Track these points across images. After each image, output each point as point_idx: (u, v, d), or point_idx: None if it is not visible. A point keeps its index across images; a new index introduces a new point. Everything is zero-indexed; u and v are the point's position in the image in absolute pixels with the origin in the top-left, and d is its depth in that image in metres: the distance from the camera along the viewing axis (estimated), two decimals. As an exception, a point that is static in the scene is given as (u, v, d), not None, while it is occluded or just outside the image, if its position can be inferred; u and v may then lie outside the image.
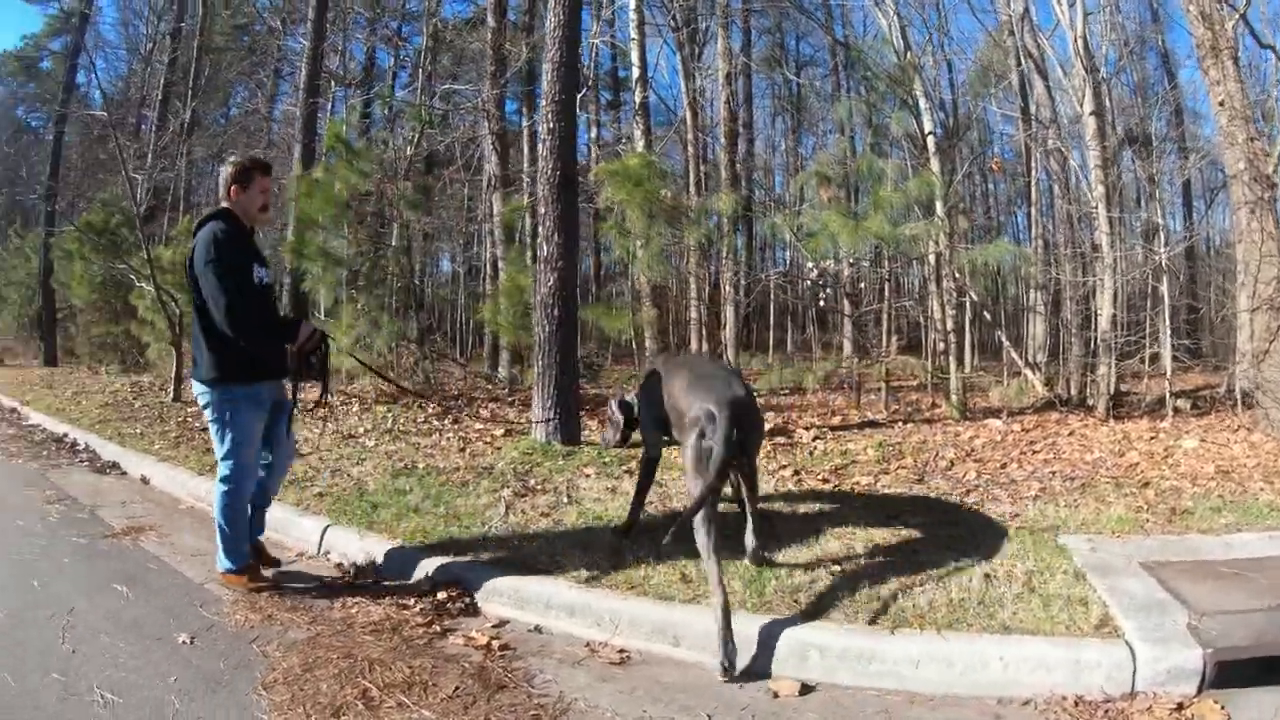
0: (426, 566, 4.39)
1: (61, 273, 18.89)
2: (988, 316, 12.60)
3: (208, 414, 4.28)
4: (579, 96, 9.76)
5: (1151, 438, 7.34)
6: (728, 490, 4.34)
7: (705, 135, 17.46)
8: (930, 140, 11.24)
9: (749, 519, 4.11)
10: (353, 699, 3.06)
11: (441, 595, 4.09)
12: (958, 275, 10.35)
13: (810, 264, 10.87)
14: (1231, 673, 3.05)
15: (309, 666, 3.34)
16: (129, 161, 15.96)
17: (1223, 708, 2.92)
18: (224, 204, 4.32)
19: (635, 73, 15.31)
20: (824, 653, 3.30)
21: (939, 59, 15.04)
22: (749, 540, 4.10)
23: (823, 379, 10.20)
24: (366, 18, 23.82)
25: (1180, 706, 2.94)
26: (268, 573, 4.47)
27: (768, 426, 7.46)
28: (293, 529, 5.39)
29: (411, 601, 4.05)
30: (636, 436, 4.97)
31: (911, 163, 12.81)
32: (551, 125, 7.63)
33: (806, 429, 7.87)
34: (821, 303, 12.98)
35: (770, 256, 26.65)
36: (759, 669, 3.31)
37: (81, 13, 27.78)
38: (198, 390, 4.29)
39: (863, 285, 12.19)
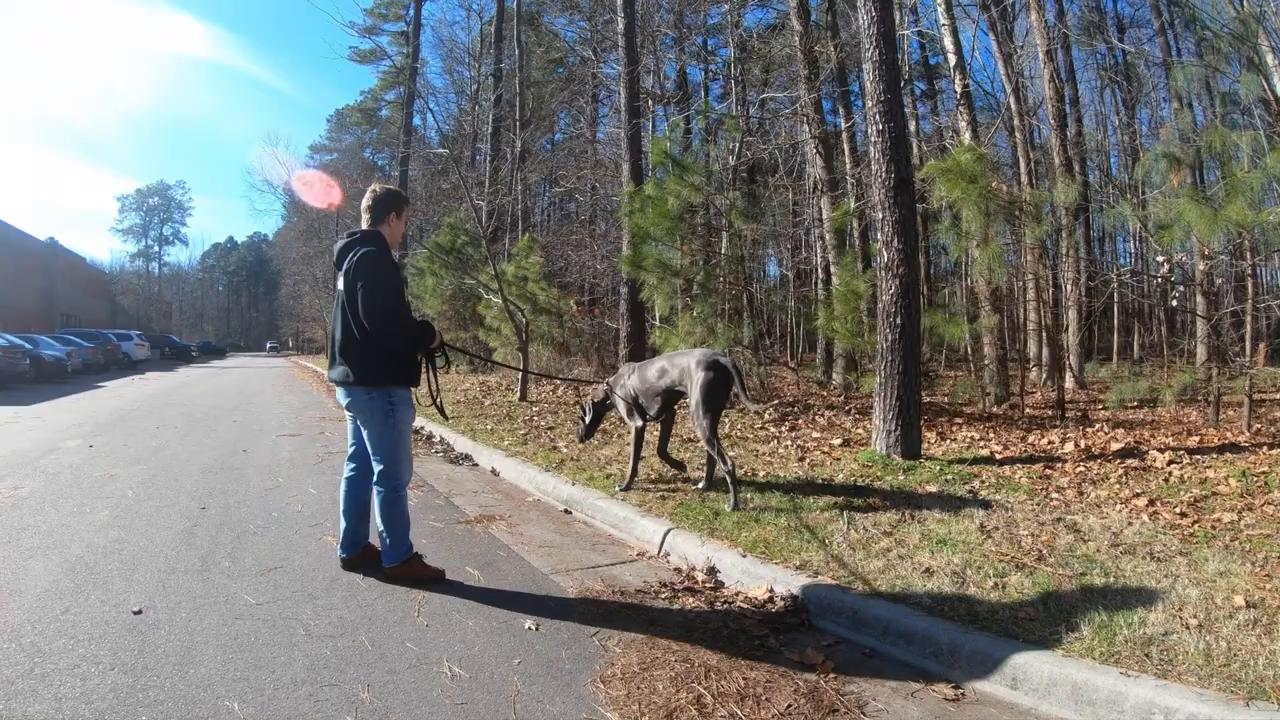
0: (765, 577, 4.34)
1: (415, 287, 20.99)
2: (1366, 317, 10.73)
3: (365, 417, 4.48)
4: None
5: None
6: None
7: (1031, 118, 16.28)
8: (1286, 104, 9.80)
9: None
10: (687, 703, 3.07)
11: (778, 608, 4.03)
12: (1330, 267, 8.88)
13: (1160, 258, 9.78)
14: None
15: (646, 665, 3.42)
16: (471, 190, 17.48)
17: None
18: (376, 228, 4.59)
19: (951, 59, 14.62)
20: (1169, 717, 2.88)
21: (1281, 6, 13.02)
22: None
23: (1179, 391, 9.12)
24: (674, 37, 24.47)
25: None
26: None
27: (1118, 446, 7.45)
28: (634, 529, 5.56)
29: (749, 611, 4.04)
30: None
31: (1266, 132, 11.16)
32: (881, 126, 7.40)
33: (1160, 451, 7.14)
34: (1173, 303, 11.67)
35: (1110, 250, 24.47)
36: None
37: (411, 66, 31.08)
38: (355, 395, 4.47)
39: (1220, 281, 10.80)
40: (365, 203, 4.68)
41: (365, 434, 4.52)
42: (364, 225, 4.65)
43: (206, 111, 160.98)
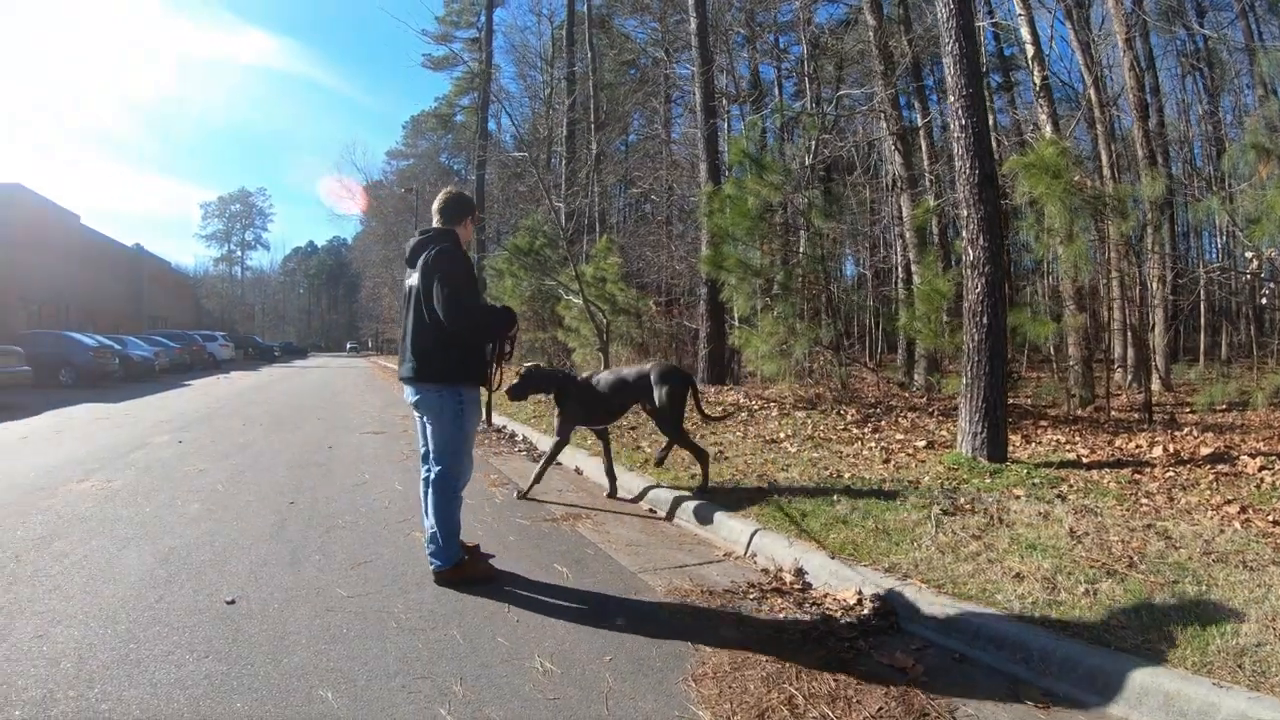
0: (854, 579, 4.34)
1: (494, 288, 21.30)
2: None
3: (434, 415, 4.49)
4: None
5: None
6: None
7: (1113, 108, 15.84)
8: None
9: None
10: (778, 703, 3.07)
11: (867, 610, 4.03)
12: None
13: (1249, 253, 9.49)
14: None
15: (737, 665, 3.43)
16: (550, 193, 17.68)
17: None
18: (450, 228, 4.64)
19: (1028, 50, 14.35)
20: (1264, 731, 2.86)
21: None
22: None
23: (1271, 394, 8.83)
24: (745, 35, 24.37)
25: None
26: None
27: (1208, 451, 7.29)
28: (721, 529, 5.59)
29: (838, 613, 4.05)
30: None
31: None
32: (963, 122, 7.29)
33: (1251, 456, 6.96)
34: (1263, 300, 11.28)
35: (1197, 246, 23.72)
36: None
37: (485, 72, 31.53)
38: (425, 393, 4.48)
39: (1312, 278, 10.46)
40: (438, 204, 4.74)
41: (430, 432, 4.55)
42: (437, 223, 4.71)
43: (284, 121, 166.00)
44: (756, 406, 10.94)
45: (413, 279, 4.52)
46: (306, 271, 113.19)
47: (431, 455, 4.56)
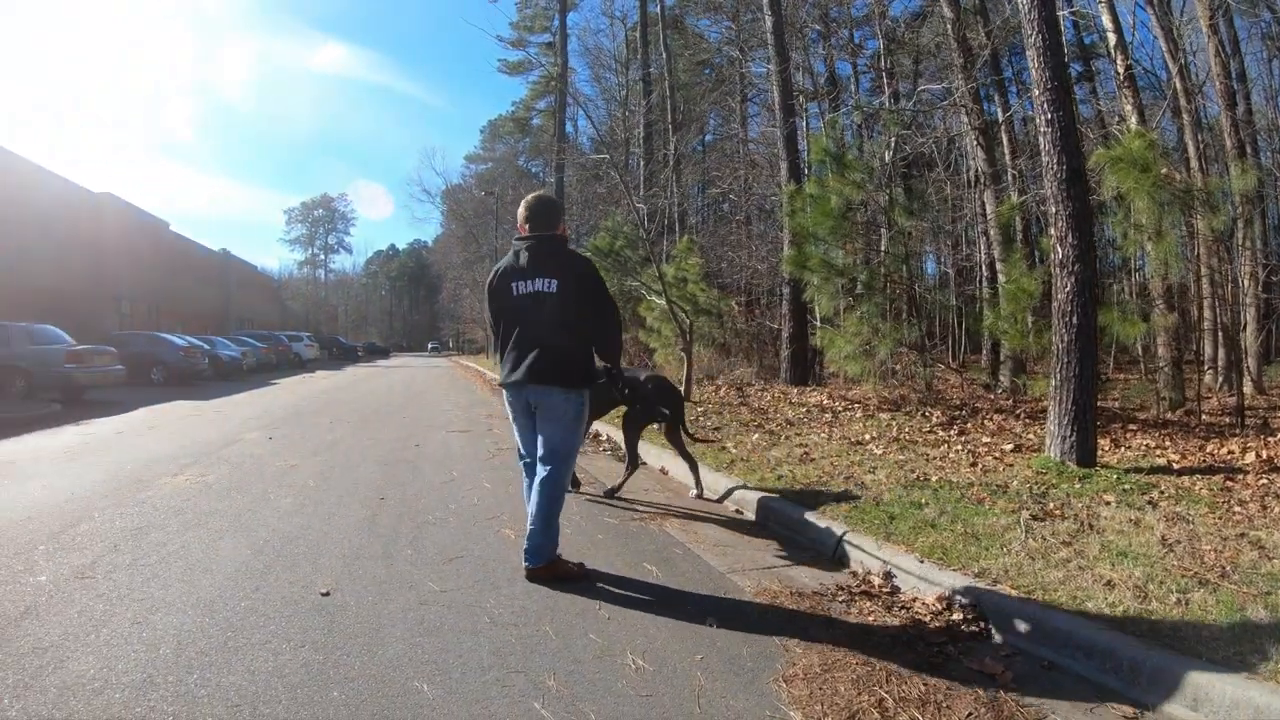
0: (942, 584, 4.33)
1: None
2: None
3: (555, 415, 4.54)
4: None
5: None
6: None
7: (1199, 96, 15.31)
8: None
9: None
10: (869, 706, 3.07)
11: (956, 615, 4.02)
12: None
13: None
14: None
15: (828, 667, 3.43)
16: (631, 194, 17.85)
17: None
18: (555, 232, 4.68)
19: (1110, 39, 14.04)
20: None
21: None
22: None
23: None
24: (820, 32, 24.18)
25: None
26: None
27: None
28: (808, 530, 5.61)
29: (927, 617, 4.04)
30: None
31: None
32: (1049, 116, 7.19)
33: (1345, 467, 6.73)
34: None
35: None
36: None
37: (561, 75, 31.96)
38: (549, 395, 4.51)
39: None
40: (534, 209, 4.67)
41: (546, 433, 4.57)
42: (534, 228, 4.64)
43: (365, 128, 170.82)
44: (841, 408, 10.92)
45: (545, 284, 4.50)
46: (388, 273, 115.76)
47: (542, 456, 4.60)
